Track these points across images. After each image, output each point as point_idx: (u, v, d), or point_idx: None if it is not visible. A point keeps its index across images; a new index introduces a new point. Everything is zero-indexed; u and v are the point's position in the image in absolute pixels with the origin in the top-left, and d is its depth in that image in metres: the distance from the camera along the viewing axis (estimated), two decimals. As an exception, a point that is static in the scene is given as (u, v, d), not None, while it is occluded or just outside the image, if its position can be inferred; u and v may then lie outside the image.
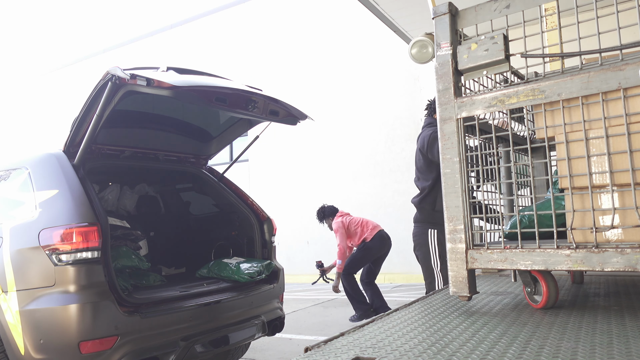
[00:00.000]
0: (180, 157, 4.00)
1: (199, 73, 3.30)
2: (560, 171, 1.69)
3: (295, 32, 11.36)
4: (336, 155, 10.52)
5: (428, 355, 1.29)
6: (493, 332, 1.51)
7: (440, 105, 1.83)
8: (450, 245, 1.79)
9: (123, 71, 2.69)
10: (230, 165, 4.23)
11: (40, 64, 17.03)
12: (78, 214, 2.72)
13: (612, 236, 1.59)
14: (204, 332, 3.05)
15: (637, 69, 1.46)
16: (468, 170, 1.81)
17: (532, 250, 1.63)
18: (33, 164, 3.09)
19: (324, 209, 6.03)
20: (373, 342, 1.45)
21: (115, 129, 3.41)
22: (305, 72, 11.04)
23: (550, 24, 3.61)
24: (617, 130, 1.55)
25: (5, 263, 2.79)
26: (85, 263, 2.65)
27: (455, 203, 1.78)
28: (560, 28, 1.73)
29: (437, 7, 1.86)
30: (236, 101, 3.11)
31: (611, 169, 1.54)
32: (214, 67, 8.37)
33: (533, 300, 1.89)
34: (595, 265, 1.51)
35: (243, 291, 3.44)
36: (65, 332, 2.57)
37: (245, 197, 4.08)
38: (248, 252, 3.98)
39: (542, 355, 1.24)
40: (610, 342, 1.33)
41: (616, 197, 1.58)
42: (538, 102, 1.65)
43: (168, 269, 4.35)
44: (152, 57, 13.55)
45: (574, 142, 1.63)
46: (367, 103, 10.16)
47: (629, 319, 1.60)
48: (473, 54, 1.76)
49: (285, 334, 4.82)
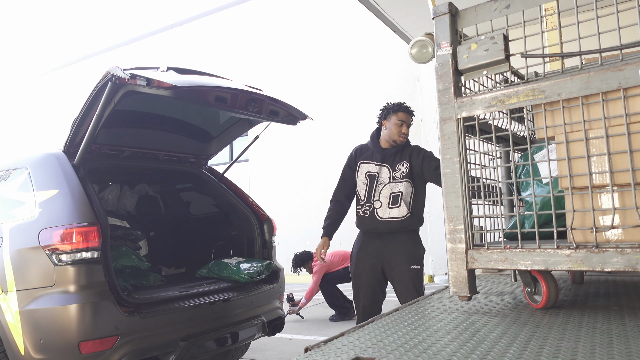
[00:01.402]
0: (180, 157, 4.00)
1: (199, 73, 3.30)
2: (560, 171, 1.69)
3: (295, 32, 11.36)
4: (336, 155, 10.51)
5: (428, 355, 1.29)
6: (493, 332, 1.51)
7: (440, 105, 1.83)
8: (450, 245, 1.79)
9: (123, 71, 2.69)
10: (230, 165, 4.23)
11: (40, 64, 17.03)
12: (78, 214, 2.72)
13: (612, 236, 1.59)
14: (204, 332, 3.05)
15: (637, 69, 1.46)
16: (468, 170, 1.81)
17: (532, 250, 1.63)
18: (33, 164, 3.09)
19: (298, 256, 6.06)
20: (373, 342, 1.45)
21: (115, 129, 3.41)
22: (305, 72, 11.04)
23: (550, 24, 3.61)
24: (617, 130, 1.55)
25: (5, 263, 2.79)
26: (85, 263, 2.65)
27: (455, 203, 1.78)
28: (560, 28, 1.73)
29: (437, 7, 1.86)
30: (236, 101, 3.12)
31: (611, 169, 1.54)
32: (214, 67, 8.37)
33: (533, 300, 1.89)
34: (595, 265, 1.51)
35: (243, 291, 3.44)
36: (65, 332, 2.57)
37: (245, 197, 4.08)
38: (248, 252, 3.98)
39: (542, 355, 1.24)
40: (610, 342, 1.33)
41: (616, 197, 1.58)
42: (538, 102, 1.65)
43: (168, 269, 4.35)
44: (152, 57, 13.55)
45: (574, 142, 1.63)
46: (367, 103, 10.16)
47: (629, 319, 1.60)
48: (473, 54, 1.76)
49: (285, 334, 4.82)
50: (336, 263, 5.92)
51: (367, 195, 3.23)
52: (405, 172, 3.17)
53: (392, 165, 3.22)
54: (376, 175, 3.25)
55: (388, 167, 3.23)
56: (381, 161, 3.25)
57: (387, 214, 3.17)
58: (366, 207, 3.23)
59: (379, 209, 3.18)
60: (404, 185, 3.16)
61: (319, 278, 5.83)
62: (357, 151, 3.43)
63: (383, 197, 3.19)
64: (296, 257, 6.07)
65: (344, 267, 5.83)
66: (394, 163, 3.22)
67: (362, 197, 3.25)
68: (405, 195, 3.14)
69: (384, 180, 3.21)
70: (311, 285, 5.86)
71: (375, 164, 3.26)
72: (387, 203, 3.18)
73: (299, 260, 6.05)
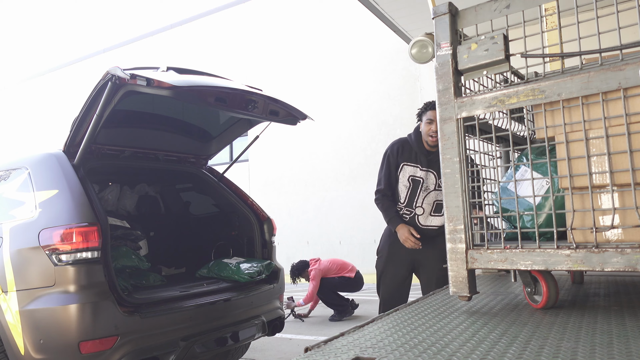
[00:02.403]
0: (180, 157, 4.00)
1: (199, 73, 3.30)
2: (560, 171, 1.69)
3: (295, 32, 11.36)
4: (336, 155, 10.52)
5: (428, 355, 1.29)
6: (493, 332, 1.51)
7: (440, 105, 1.83)
8: (450, 245, 1.79)
9: (123, 71, 2.69)
10: (230, 165, 4.23)
11: (40, 64, 17.03)
12: (78, 214, 2.72)
13: (612, 236, 1.59)
14: (204, 332, 3.05)
15: (637, 69, 1.46)
16: (468, 170, 1.81)
17: (532, 250, 1.63)
18: (33, 164, 3.09)
19: (294, 267, 6.14)
20: (373, 342, 1.45)
21: (115, 129, 3.41)
22: (305, 72, 11.05)
23: (550, 24, 3.61)
24: (617, 130, 1.55)
25: (5, 263, 2.79)
26: (85, 263, 2.64)
27: (455, 203, 1.78)
28: (560, 28, 1.73)
29: (437, 7, 1.86)
30: (236, 101, 3.11)
31: (611, 169, 1.54)
32: (214, 67, 8.37)
33: (533, 300, 1.89)
34: (595, 265, 1.51)
35: (243, 291, 3.44)
36: (65, 332, 2.56)
37: (245, 197, 4.08)
38: (248, 252, 3.98)
39: (542, 355, 1.24)
40: (610, 342, 1.33)
41: (616, 197, 1.58)
42: (538, 102, 1.65)
43: (168, 269, 4.34)
44: (152, 57, 13.55)
45: (574, 142, 1.63)
46: (367, 103, 10.16)
47: (629, 319, 1.60)
48: (473, 54, 1.76)
49: (285, 334, 4.82)
50: (333, 270, 6.04)
51: (409, 200, 3.14)
52: None
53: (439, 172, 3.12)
54: (421, 180, 3.14)
55: (434, 173, 3.13)
56: (427, 166, 3.15)
57: (429, 222, 3.12)
58: (406, 211, 3.16)
59: (420, 216, 3.12)
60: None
61: (318, 283, 5.91)
62: (398, 149, 3.24)
63: (426, 205, 3.12)
64: (293, 268, 6.14)
65: (339, 276, 6.00)
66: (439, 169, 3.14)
67: (403, 200, 3.17)
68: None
69: (430, 187, 3.12)
70: (310, 290, 5.93)
71: (421, 168, 3.15)
72: (429, 210, 3.11)
73: (295, 270, 6.12)
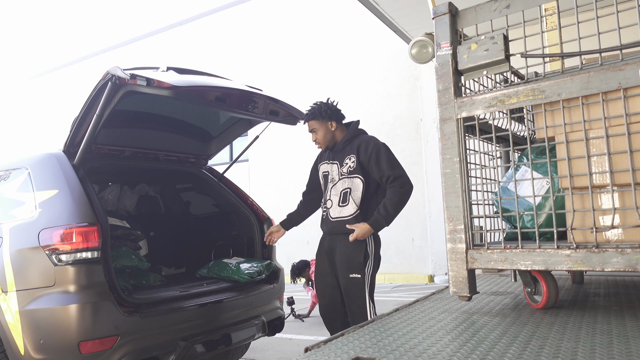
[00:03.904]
0: (180, 157, 4.00)
1: (199, 73, 3.30)
2: (561, 171, 1.69)
3: (295, 32, 11.36)
4: (336, 155, 10.51)
5: (428, 356, 1.29)
6: (493, 332, 1.51)
7: (440, 105, 1.83)
8: (450, 245, 1.79)
9: (123, 71, 2.69)
10: (230, 165, 4.23)
11: (40, 64, 17.03)
12: (78, 214, 2.72)
13: (612, 236, 1.59)
14: (204, 332, 3.05)
15: (637, 69, 1.46)
16: (468, 170, 1.81)
17: (532, 250, 1.63)
18: (33, 164, 3.09)
19: (295, 266, 6.07)
20: (373, 342, 1.45)
21: (115, 129, 3.41)
22: (305, 72, 11.04)
23: (550, 24, 3.61)
24: (617, 130, 1.55)
25: (5, 263, 2.79)
26: (85, 263, 2.64)
27: (455, 203, 1.78)
28: (560, 28, 1.73)
29: (437, 7, 1.86)
30: (236, 101, 3.11)
31: (611, 169, 1.54)
32: (214, 67, 8.37)
33: (533, 300, 1.89)
34: (595, 265, 1.51)
35: (243, 291, 3.44)
36: (65, 332, 2.56)
37: (245, 197, 4.08)
38: (248, 252, 3.98)
39: (542, 355, 1.24)
40: (610, 342, 1.33)
41: (616, 197, 1.58)
42: (538, 102, 1.65)
43: (168, 269, 4.34)
44: (152, 57, 13.55)
45: (574, 142, 1.63)
46: (367, 103, 10.16)
47: (629, 319, 1.60)
48: (473, 54, 1.76)
49: (285, 334, 4.82)
50: None
51: (324, 196, 3.06)
52: (352, 167, 2.89)
53: (340, 161, 2.97)
54: (328, 173, 3.05)
55: (337, 163, 2.99)
56: (332, 158, 3.04)
57: (337, 213, 2.91)
58: (323, 209, 3.06)
59: (330, 209, 2.96)
60: (353, 181, 2.88)
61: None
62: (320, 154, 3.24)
63: (334, 196, 2.95)
64: (293, 268, 6.07)
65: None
66: (342, 158, 2.96)
67: (322, 199, 3.10)
68: (354, 191, 2.86)
69: (335, 178, 2.97)
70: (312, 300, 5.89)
71: (328, 162, 3.06)
72: (337, 202, 2.93)
73: (296, 270, 6.04)
